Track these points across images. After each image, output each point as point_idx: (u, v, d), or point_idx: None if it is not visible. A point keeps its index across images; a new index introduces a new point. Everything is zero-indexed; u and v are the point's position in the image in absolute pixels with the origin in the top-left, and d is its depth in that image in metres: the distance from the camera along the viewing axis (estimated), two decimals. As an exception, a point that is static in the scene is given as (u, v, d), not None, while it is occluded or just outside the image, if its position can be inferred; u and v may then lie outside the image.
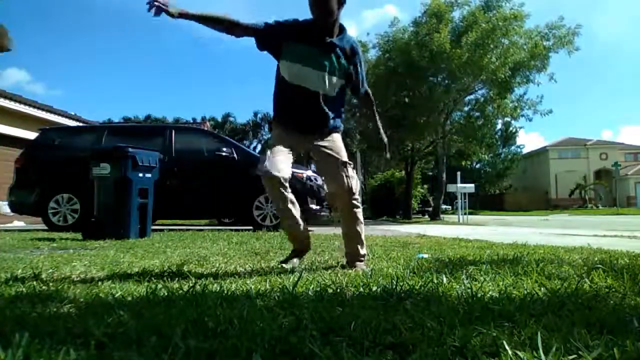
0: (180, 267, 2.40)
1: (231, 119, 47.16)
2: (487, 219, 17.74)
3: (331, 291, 1.61)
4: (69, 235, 5.34)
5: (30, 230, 7.07)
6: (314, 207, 6.93)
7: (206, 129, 13.41)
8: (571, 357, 0.89)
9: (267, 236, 5.06)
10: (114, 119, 36.38)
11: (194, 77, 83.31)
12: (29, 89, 73.04)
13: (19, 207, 7.36)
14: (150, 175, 5.34)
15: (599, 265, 2.18)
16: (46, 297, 1.54)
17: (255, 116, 46.50)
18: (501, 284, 1.73)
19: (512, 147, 47.67)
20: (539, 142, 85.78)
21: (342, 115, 2.62)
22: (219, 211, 8.55)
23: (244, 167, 6.85)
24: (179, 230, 6.53)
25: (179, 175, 6.93)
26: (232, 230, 6.64)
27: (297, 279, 1.80)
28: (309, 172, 7.15)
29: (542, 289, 1.63)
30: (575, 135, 47.99)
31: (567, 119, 79.65)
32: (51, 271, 2.24)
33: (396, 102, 16.59)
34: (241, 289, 1.71)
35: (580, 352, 0.90)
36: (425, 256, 2.88)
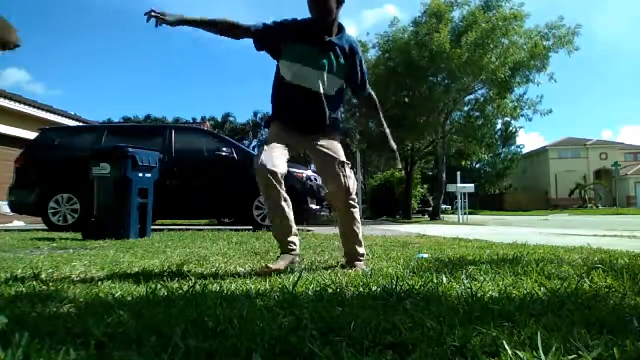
0: (180, 267, 2.40)
1: (231, 119, 47.24)
2: (487, 219, 17.74)
3: (331, 291, 1.61)
4: (69, 235, 5.34)
5: (30, 230, 7.07)
6: (314, 207, 6.92)
7: (206, 129, 13.42)
8: (571, 357, 0.89)
9: (267, 236, 5.05)
10: (114, 119, 36.46)
11: (194, 77, 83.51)
12: (29, 89, 73.21)
13: (19, 207, 7.36)
14: (150, 175, 5.34)
15: (599, 265, 2.18)
16: (46, 297, 1.53)
17: (255, 116, 46.57)
18: (501, 284, 1.73)
19: (512, 147, 47.76)
20: (539, 142, 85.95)
21: (342, 115, 2.61)
22: (219, 211, 8.55)
23: (244, 167, 6.84)
24: (179, 230, 6.53)
25: (179, 175, 6.93)
26: (232, 230, 6.64)
27: (297, 279, 1.80)
28: (309, 172, 7.14)
29: (542, 289, 1.63)
30: (575, 135, 48.12)
31: (567, 119, 79.86)
32: (51, 271, 2.24)
33: (396, 102, 16.59)
34: (241, 289, 1.71)
35: (580, 352, 0.90)
36: (425, 256, 2.88)
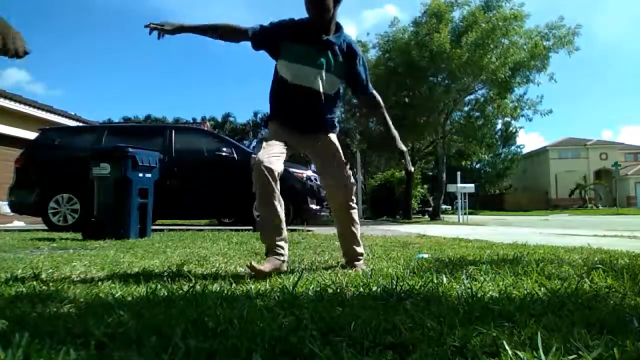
0: (180, 267, 2.39)
1: (231, 119, 47.19)
2: (487, 219, 17.73)
3: (331, 291, 1.61)
4: (69, 235, 5.34)
5: (30, 230, 7.07)
6: (314, 207, 6.92)
7: (206, 129, 13.42)
8: (571, 357, 0.89)
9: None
10: (114, 119, 36.45)
11: (194, 77, 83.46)
12: (29, 89, 73.28)
13: (19, 207, 7.36)
14: (150, 175, 5.34)
15: (599, 265, 2.18)
16: (46, 297, 1.53)
17: (255, 116, 46.48)
18: (501, 284, 1.73)
19: (512, 147, 47.76)
20: (539, 142, 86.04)
21: (342, 115, 2.61)
22: (219, 211, 8.55)
23: (244, 167, 6.84)
24: (179, 230, 6.53)
25: (179, 175, 6.93)
26: (232, 230, 6.64)
27: (297, 279, 1.80)
28: (309, 172, 7.14)
29: (542, 289, 1.63)
30: (575, 135, 48.14)
31: (567, 119, 79.90)
32: (51, 271, 2.23)
33: (396, 102, 16.58)
34: (241, 289, 1.71)
35: (580, 352, 0.90)
36: (425, 256, 2.88)
